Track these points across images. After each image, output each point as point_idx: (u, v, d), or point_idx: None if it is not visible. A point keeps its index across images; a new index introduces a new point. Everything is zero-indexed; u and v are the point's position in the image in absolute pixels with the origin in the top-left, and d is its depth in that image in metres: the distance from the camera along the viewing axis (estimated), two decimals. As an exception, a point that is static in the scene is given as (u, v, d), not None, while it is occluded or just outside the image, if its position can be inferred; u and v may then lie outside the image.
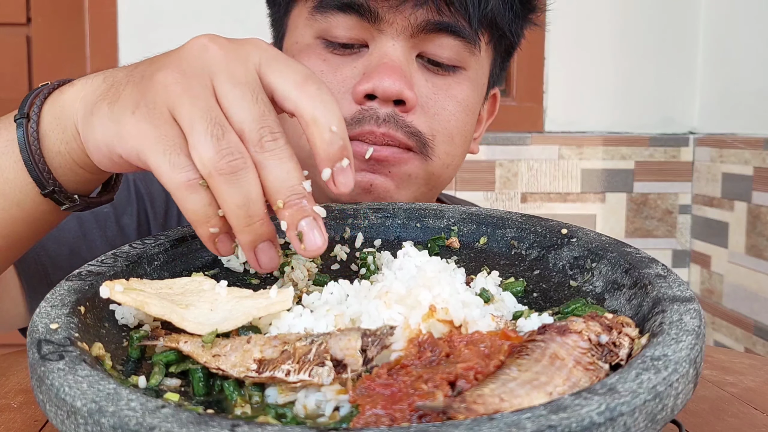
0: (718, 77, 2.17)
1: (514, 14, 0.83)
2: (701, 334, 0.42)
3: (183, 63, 0.50)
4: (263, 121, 0.49)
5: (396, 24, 0.77)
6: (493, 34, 0.84)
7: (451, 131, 0.81)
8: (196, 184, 0.48)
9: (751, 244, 1.97)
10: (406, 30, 0.77)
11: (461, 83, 0.82)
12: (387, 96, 0.75)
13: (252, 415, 0.41)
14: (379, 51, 0.77)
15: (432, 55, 0.80)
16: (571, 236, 0.60)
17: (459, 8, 0.77)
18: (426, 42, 0.78)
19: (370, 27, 0.77)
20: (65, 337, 0.43)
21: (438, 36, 0.78)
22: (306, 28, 0.81)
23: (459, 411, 0.35)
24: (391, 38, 0.77)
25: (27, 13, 2.10)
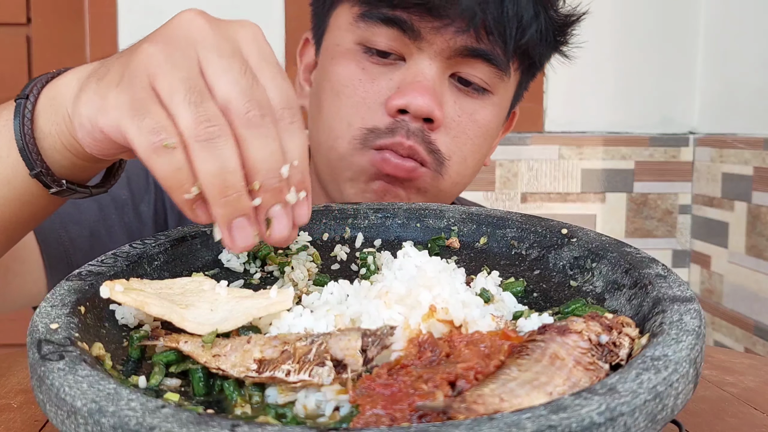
0: (718, 77, 2.17)
1: (548, 45, 0.87)
2: (701, 334, 0.42)
3: (168, 33, 0.49)
4: (251, 95, 0.47)
5: (435, 45, 0.80)
6: (522, 62, 0.88)
7: (466, 154, 0.86)
8: (160, 146, 0.45)
9: (751, 244, 1.97)
10: (444, 52, 0.81)
11: (486, 107, 0.86)
12: (419, 114, 0.79)
13: (252, 415, 0.41)
14: (415, 68, 0.81)
15: (464, 76, 0.83)
16: (571, 236, 0.60)
17: (498, 38, 0.80)
18: (460, 65, 0.82)
19: (410, 43, 0.81)
20: (65, 337, 0.43)
21: (472, 61, 0.82)
22: (348, 32, 0.84)
23: (459, 411, 0.35)
24: (429, 58, 0.81)
25: (27, 13, 2.10)
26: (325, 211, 0.70)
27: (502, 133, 1.00)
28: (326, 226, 0.69)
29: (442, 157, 0.83)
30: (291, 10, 2.02)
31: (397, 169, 0.81)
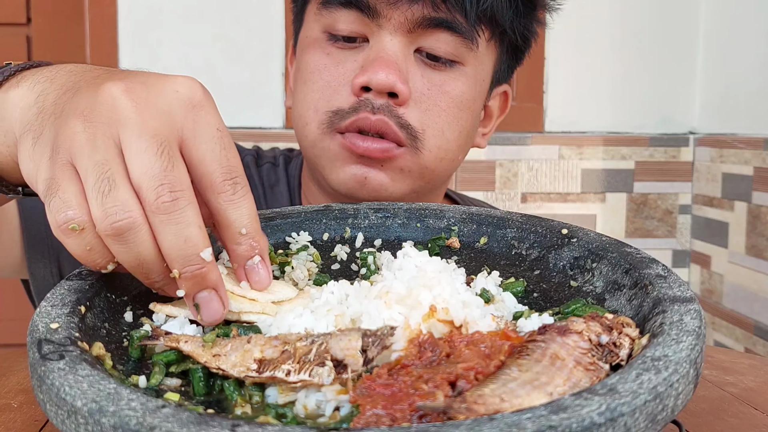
0: (718, 77, 2.17)
1: (516, 11, 0.84)
2: (701, 334, 0.42)
3: (92, 109, 0.47)
4: (163, 178, 0.45)
5: (393, 20, 0.80)
6: (494, 31, 0.85)
7: (441, 126, 0.83)
8: (66, 229, 0.45)
9: (751, 244, 1.97)
10: (403, 26, 0.80)
11: (457, 79, 0.84)
12: (381, 88, 0.78)
13: (252, 415, 0.41)
14: (377, 45, 0.81)
15: (429, 50, 0.82)
16: (571, 236, 0.60)
17: (455, 5, 0.79)
18: (423, 37, 0.81)
19: (370, 22, 0.81)
20: (65, 336, 0.43)
21: (435, 31, 0.81)
22: (314, 23, 0.85)
23: (459, 411, 0.35)
24: (389, 33, 0.80)
25: (27, 13, 2.10)
26: (326, 211, 0.70)
27: (498, 115, 0.99)
28: (326, 226, 0.69)
29: (415, 131, 0.81)
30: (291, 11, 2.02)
31: (367, 150, 0.79)
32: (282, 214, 0.69)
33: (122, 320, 0.51)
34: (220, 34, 2.01)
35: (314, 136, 0.83)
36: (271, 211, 0.69)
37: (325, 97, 0.82)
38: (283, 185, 1.00)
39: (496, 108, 0.98)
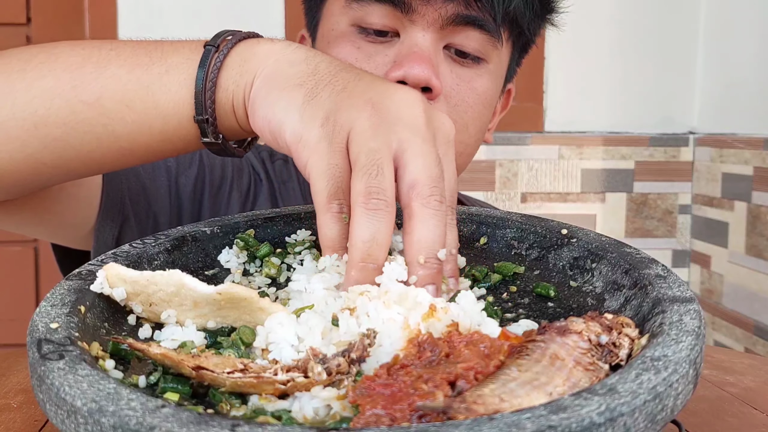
0: (718, 77, 2.17)
1: (534, 13, 0.88)
2: (701, 334, 0.42)
3: (384, 103, 0.53)
4: (440, 183, 0.51)
5: (427, 16, 0.81)
6: (512, 31, 0.89)
7: (467, 121, 0.87)
8: (339, 217, 0.51)
9: (751, 244, 1.97)
10: (435, 22, 0.82)
11: (482, 76, 0.87)
12: (416, 82, 0.79)
13: (251, 415, 0.41)
14: (410, 41, 0.82)
15: (458, 46, 0.85)
16: (571, 236, 0.60)
17: (485, 4, 0.82)
18: (453, 34, 0.83)
19: (402, 17, 0.82)
20: (65, 336, 0.43)
21: (465, 29, 0.83)
22: (341, 15, 0.86)
23: (459, 411, 0.35)
24: (422, 29, 0.82)
25: (27, 13, 2.10)
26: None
27: (500, 111, 1.02)
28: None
29: None
30: (291, 11, 2.02)
31: None
32: (282, 214, 0.69)
33: (123, 321, 0.51)
34: (220, 34, 2.01)
35: None
36: (270, 211, 0.69)
37: None
38: (294, 181, 1.02)
39: (499, 105, 1.01)
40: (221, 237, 0.64)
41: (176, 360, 0.42)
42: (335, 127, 0.52)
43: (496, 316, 0.52)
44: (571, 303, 0.55)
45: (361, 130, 0.51)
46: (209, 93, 0.59)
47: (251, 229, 0.65)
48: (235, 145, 0.65)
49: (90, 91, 0.61)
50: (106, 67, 0.61)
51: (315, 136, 0.52)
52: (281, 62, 0.58)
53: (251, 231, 0.65)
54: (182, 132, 0.62)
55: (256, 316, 0.49)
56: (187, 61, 0.60)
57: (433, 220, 0.50)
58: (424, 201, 0.50)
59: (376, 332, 0.43)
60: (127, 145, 0.63)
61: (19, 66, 0.63)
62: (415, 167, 0.51)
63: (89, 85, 0.61)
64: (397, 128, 0.52)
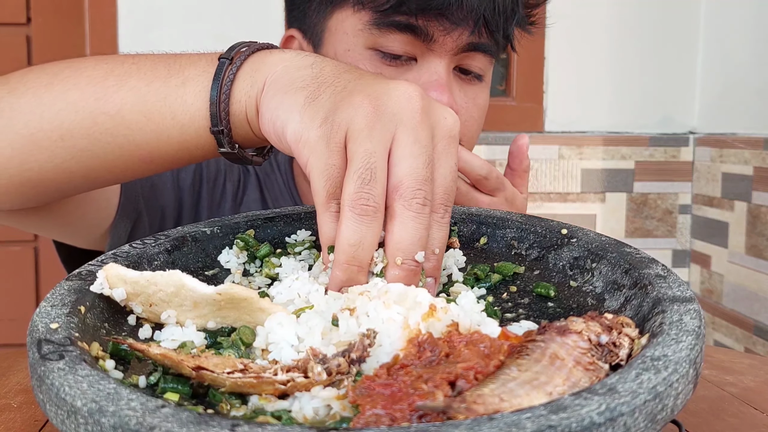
0: (718, 77, 2.17)
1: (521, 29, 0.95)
2: (701, 334, 0.42)
3: (381, 100, 0.54)
4: (424, 186, 0.52)
5: (446, 45, 0.87)
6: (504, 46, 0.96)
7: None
8: (338, 216, 0.52)
9: (751, 244, 1.97)
10: (452, 50, 0.87)
11: (483, 90, 0.95)
12: None
13: (251, 415, 0.41)
14: (428, 68, 0.88)
15: (466, 67, 0.91)
16: (571, 236, 0.60)
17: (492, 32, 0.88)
18: (464, 59, 0.90)
19: (422, 45, 0.87)
20: (65, 336, 0.43)
21: (474, 54, 0.90)
22: (357, 38, 0.88)
23: (459, 411, 0.35)
24: (439, 57, 0.87)
25: (27, 13, 2.10)
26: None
27: None
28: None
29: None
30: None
31: None
32: (282, 214, 0.69)
33: (123, 321, 0.51)
34: (220, 34, 2.01)
35: None
36: (270, 211, 0.69)
37: None
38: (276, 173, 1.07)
39: None
40: (221, 237, 0.64)
41: (176, 360, 0.42)
42: (333, 127, 0.53)
43: (496, 316, 0.52)
44: (571, 303, 0.55)
45: (357, 129, 0.52)
46: (224, 105, 0.61)
47: (251, 230, 0.65)
48: (253, 153, 0.67)
49: (112, 103, 0.64)
50: (126, 80, 0.64)
51: (314, 136, 0.53)
52: (289, 68, 0.59)
53: (251, 231, 0.65)
54: (200, 141, 0.64)
55: (256, 316, 0.49)
56: (203, 73, 0.63)
57: (413, 222, 0.51)
58: (406, 203, 0.51)
59: (376, 332, 0.43)
60: (147, 154, 0.65)
61: (47, 80, 0.66)
62: (401, 168, 0.52)
63: (111, 97, 0.64)
64: (391, 127, 0.53)
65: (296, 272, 0.56)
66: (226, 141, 0.62)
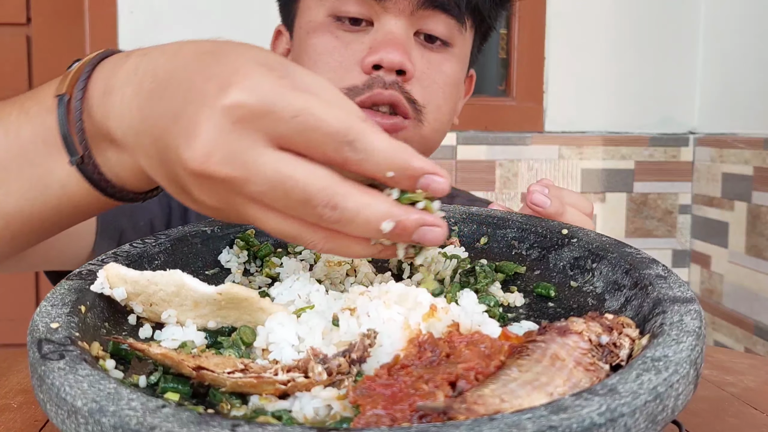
0: (718, 77, 2.17)
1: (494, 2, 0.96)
2: (702, 335, 0.42)
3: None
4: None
5: (399, 3, 0.88)
6: (474, 19, 0.96)
7: (439, 102, 0.93)
8: None
9: (751, 244, 1.97)
10: (406, 9, 0.89)
11: (450, 60, 0.94)
12: (392, 66, 0.87)
13: (251, 415, 0.41)
14: (383, 28, 0.89)
15: (428, 31, 0.91)
16: (571, 237, 0.60)
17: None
18: (423, 20, 0.90)
19: (375, 5, 0.88)
20: (66, 336, 0.42)
21: (433, 14, 0.90)
22: (318, 8, 0.92)
23: (459, 411, 0.35)
24: (394, 16, 0.89)
25: (27, 13, 2.10)
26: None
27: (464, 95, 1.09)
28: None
29: (419, 105, 0.91)
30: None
31: (381, 125, 0.87)
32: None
33: (123, 320, 0.51)
34: (220, 34, 2.01)
35: None
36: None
37: (338, 76, 0.90)
38: None
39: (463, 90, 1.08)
40: (221, 237, 0.64)
41: (176, 360, 0.42)
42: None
43: (497, 317, 0.52)
44: (571, 303, 0.55)
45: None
46: (78, 138, 0.52)
47: (252, 229, 0.65)
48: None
49: None
50: None
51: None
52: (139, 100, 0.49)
53: (252, 230, 0.65)
54: (89, 199, 0.56)
55: (256, 316, 0.49)
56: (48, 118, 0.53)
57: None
58: None
59: (377, 332, 0.43)
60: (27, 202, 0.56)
61: None
62: None
63: None
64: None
65: (297, 272, 0.56)
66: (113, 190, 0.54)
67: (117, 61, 0.52)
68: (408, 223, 0.44)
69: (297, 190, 0.42)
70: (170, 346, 0.46)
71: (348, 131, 0.42)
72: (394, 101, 0.88)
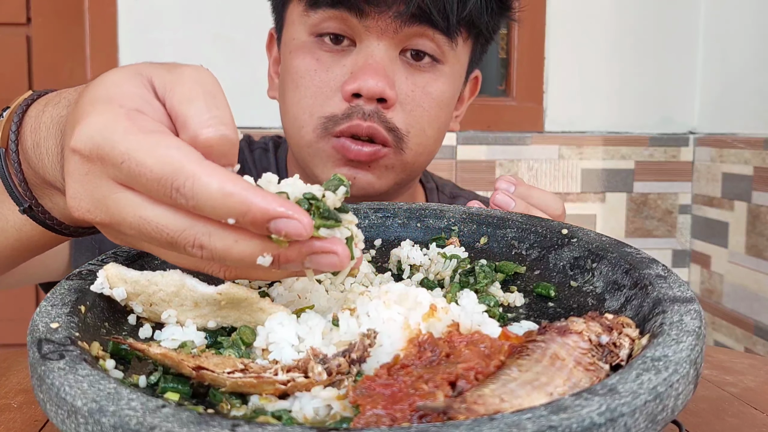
0: (718, 77, 2.17)
1: (491, 14, 0.90)
2: (702, 334, 0.42)
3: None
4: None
5: (381, 22, 0.83)
6: (470, 32, 0.91)
7: (423, 126, 0.89)
8: None
9: (751, 244, 1.97)
10: (389, 28, 0.83)
11: (438, 79, 0.89)
12: (371, 95, 0.83)
13: (251, 415, 0.41)
14: (365, 51, 0.85)
15: (414, 46, 0.86)
16: (571, 236, 0.60)
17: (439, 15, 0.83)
18: (408, 39, 0.85)
19: (357, 24, 0.84)
20: (66, 336, 0.42)
21: (420, 29, 0.84)
22: (300, 25, 0.88)
23: (459, 411, 0.35)
24: (376, 38, 0.84)
25: (27, 13, 2.10)
26: (326, 211, 0.69)
27: (468, 97, 1.05)
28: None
29: (401, 134, 0.87)
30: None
31: (358, 155, 0.85)
32: (282, 214, 0.68)
33: (123, 320, 0.51)
34: (220, 34, 2.01)
35: (310, 138, 0.88)
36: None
37: (318, 103, 0.87)
38: (273, 169, 1.05)
39: (467, 91, 1.04)
40: (221, 237, 0.64)
41: (176, 360, 0.42)
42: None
43: (497, 317, 0.52)
44: (571, 303, 0.55)
45: None
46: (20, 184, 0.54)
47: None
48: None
49: None
50: None
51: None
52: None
53: (251, 231, 0.65)
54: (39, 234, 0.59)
55: (256, 316, 0.49)
56: None
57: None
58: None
59: (377, 332, 0.43)
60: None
61: None
62: None
63: None
64: None
65: None
66: (62, 227, 0.56)
67: (38, 112, 0.53)
68: (290, 256, 0.41)
69: (161, 234, 0.41)
70: (170, 346, 0.46)
71: (174, 176, 0.39)
72: (371, 133, 0.84)
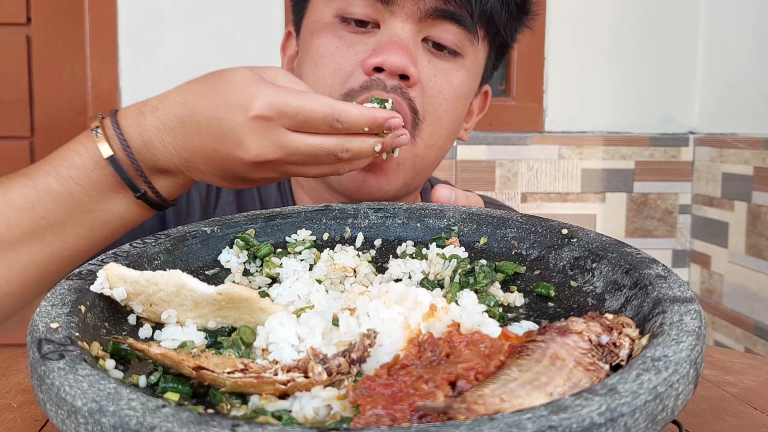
0: (718, 77, 2.16)
1: (510, 15, 0.90)
2: (702, 335, 0.42)
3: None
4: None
5: (406, 8, 0.83)
6: (488, 30, 0.91)
7: (440, 114, 0.88)
8: None
9: (751, 244, 1.97)
10: (414, 14, 0.84)
11: (459, 70, 0.88)
12: (394, 69, 0.82)
13: (251, 415, 0.41)
14: (389, 31, 0.84)
15: (436, 39, 0.86)
16: (571, 236, 0.60)
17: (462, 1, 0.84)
18: (431, 27, 0.86)
19: (383, 8, 0.84)
20: (66, 336, 0.42)
21: (442, 22, 0.85)
22: (325, 8, 0.88)
23: (459, 411, 0.35)
24: (401, 21, 0.84)
25: (27, 13, 2.10)
26: (325, 211, 0.70)
27: (478, 112, 1.04)
28: (326, 226, 0.69)
29: (419, 118, 0.85)
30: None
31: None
32: (282, 214, 0.69)
33: (123, 320, 0.51)
34: (220, 34, 2.01)
35: None
36: (271, 210, 0.70)
37: (338, 81, 0.85)
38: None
39: (477, 106, 1.03)
40: (221, 237, 0.64)
41: (176, 360, 0.42)
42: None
43: (497, 317, 0.52)
44: (571, 303, 0.55)
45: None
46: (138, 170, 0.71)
47: (251, 229, 0.65)
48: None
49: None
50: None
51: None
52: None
53: (251, 231, 0.65)
54: (134, 208, 0.73)
55: (256, 316, 0.49)
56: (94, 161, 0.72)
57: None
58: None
59: (377, 332, 0.43)
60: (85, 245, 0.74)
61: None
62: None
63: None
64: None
65: (297, 272, 0.56)
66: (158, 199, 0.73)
67: (135, 121, 0.70)
68: (387, 141, 0.70)
69: (323, 151, 0.66)
70: (170, 346, 0.46)
71: (332, 112, 0.65)
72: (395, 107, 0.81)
